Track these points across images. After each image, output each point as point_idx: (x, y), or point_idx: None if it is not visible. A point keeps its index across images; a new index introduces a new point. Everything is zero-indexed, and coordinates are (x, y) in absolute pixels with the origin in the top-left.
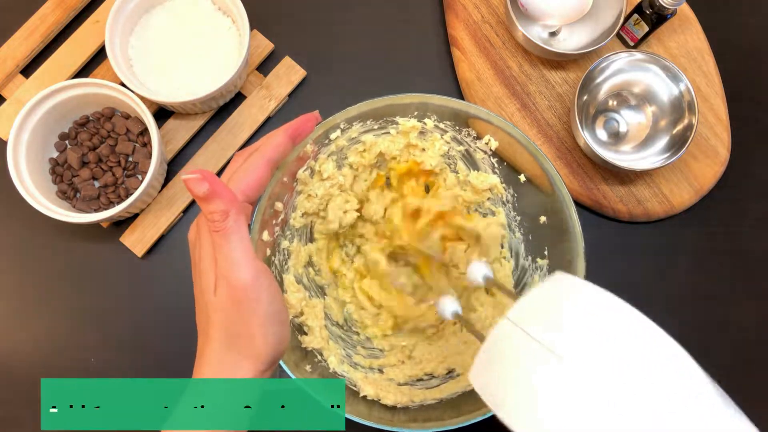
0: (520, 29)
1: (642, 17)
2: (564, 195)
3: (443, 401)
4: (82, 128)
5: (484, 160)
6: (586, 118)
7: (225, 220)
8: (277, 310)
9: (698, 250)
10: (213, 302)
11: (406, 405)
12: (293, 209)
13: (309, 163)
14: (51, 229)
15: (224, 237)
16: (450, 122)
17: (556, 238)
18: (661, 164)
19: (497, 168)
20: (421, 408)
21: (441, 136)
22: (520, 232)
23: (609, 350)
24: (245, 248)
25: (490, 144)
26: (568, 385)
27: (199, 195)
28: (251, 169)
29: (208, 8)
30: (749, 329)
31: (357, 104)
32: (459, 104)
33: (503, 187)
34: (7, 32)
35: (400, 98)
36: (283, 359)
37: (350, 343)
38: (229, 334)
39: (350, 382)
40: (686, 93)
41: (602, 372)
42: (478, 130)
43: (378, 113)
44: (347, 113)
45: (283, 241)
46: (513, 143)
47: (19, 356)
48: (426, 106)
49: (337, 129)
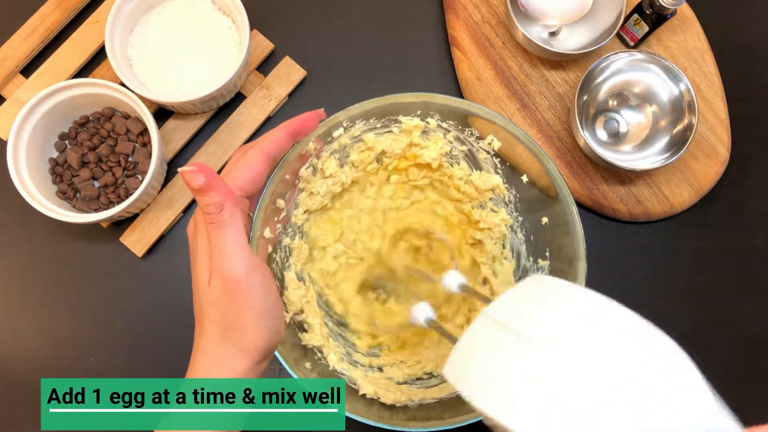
0: (520, 29)
1: (642, 17)
2: (566, 195)
3: (442, 400)
4: (82, 128)
5: (487, 161)
6: (586, 118)
7: (220, 213)
8: (271, 305)
9: (698, 250)
10: (207, 294)
11: (405, 404)
12: (295, 206)
13: (311, 161)
14: (51, 229)
15: (219, 230)
16: (453, 122)
17: (557, 239)
18: (661, 164)
19: (500, 168)
20: (420, 407)
21: (444, 135)
22: (521, 233)
23: (586, 339)
24: (240, 241)
25: (492, 144)
26: (544, 372)
27: (195, 187)
28: (249, 164)
29: (208, 8)
30: (749, 329)
31: (360, 102)
32: (462, 103)
33: (506, 187)
34: (7, 32)
35: (403, 97)
36: (283, 357)
37: (350, 341)
38: (223, 326)
39: (350, 381)
40: (686, 93)
41: (581, 361)
42: (480, 130)
43: (381, 112)
44: (350, 111)
45: (284, 238)
46: (516, 143)
47: (19, 356)
48: (429, 105)
49: (340, 127)
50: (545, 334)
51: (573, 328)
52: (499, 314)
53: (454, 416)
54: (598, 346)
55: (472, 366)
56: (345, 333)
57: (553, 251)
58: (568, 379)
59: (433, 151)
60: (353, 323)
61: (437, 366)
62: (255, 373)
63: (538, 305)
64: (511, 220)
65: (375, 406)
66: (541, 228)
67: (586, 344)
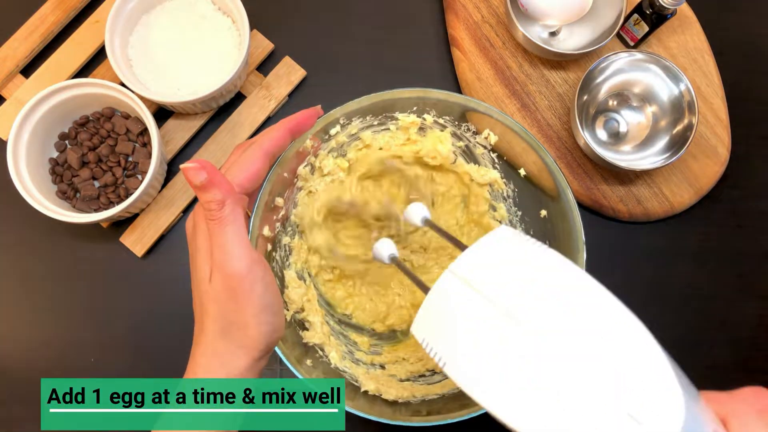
0: (520, 29)
1: (642, 17)
2: (561, 182)
3: (445, 396)
4: (82, 128)
5: (484, 155)
6: (586, 118)
7: (221, 209)
8: (271, 301)
9: (698, 250)
10: (208, 291)
11: (407, 400)
12: (294, 205)
13: (309, 159)
14: (51, 229)
15: (220, 226)
16: (449, 117)
17: (556, 231)
18: (662, 164)
19: (497, 163)
20: (422, 402)
21: (441, 131)
22: (521, 227)
23: (552, 306)
24: (241, 238)
25: (489, 138)
26: (510, 338)
27: (197, 184)
28: (248, 161)
29: (208, 8)
30: (749, 329)
31: (356, 99)
32: (458, 98)
33: (504, 182)
34: (7, 32)
35: (399, 92)
36: (285, 355)
37: (351, 339)
38: (224, 322)
39: (351, 378)
40: (686, 93)
41: (546, 328)
42: (477, 125)
43: (377, 108)
44: (346, 108)
45: (284, 237)
46: (512, 137)
47: (19, 356)
48: (425, 100)
49: (337, 124)
50: (513, 301)
51: (540, 297)
52: (467, 272)
53: (457, 410)
54: (568, 320)
55: (440, 328)
56: (346, 331)
57: (553, 244)
58: (535, 356)
59: (443, 147)
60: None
61: None
62: (255, 370)
63: (507, 265)
64: (508, 216)
65: (377, 403)
66: (540, 221)
67: (555, 316)
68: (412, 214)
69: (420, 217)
